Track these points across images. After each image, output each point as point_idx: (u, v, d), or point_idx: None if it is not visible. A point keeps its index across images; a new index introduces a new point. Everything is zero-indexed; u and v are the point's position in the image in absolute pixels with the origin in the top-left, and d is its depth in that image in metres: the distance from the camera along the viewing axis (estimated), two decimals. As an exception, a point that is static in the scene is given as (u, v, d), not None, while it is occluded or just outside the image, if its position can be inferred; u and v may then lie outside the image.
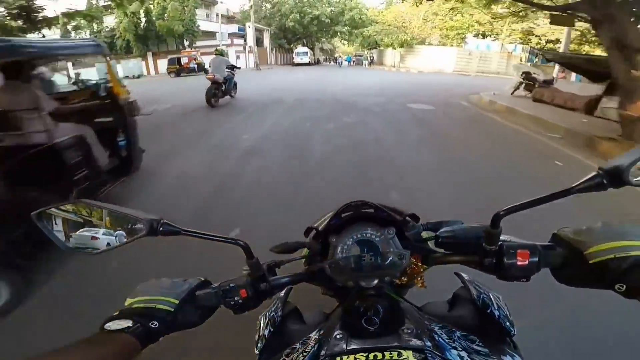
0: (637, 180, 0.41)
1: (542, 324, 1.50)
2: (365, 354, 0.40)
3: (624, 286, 0.40)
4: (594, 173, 0.42)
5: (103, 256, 0.53)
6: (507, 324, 0.53)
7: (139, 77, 24.20)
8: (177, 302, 0.52)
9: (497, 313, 0.54)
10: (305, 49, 35.99)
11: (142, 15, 26.06)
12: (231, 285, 0.55)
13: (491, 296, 0.58)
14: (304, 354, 0.47)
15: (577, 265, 0.45)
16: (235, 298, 0.55)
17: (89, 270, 2.02)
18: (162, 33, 26.45)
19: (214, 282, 0.58)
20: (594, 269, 0.42)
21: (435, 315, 0.54)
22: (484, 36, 30.62)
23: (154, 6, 26.46)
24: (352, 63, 38.80)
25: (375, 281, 0.52)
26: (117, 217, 0.51)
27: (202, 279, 0.58)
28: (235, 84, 9.19)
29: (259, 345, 0.59)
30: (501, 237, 0.50)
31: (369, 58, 34.18)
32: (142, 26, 26.63)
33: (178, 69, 23.29)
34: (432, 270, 0.60)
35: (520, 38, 26.30)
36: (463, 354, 0.43)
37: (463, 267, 0.57)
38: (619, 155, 0.41)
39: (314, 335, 0.52)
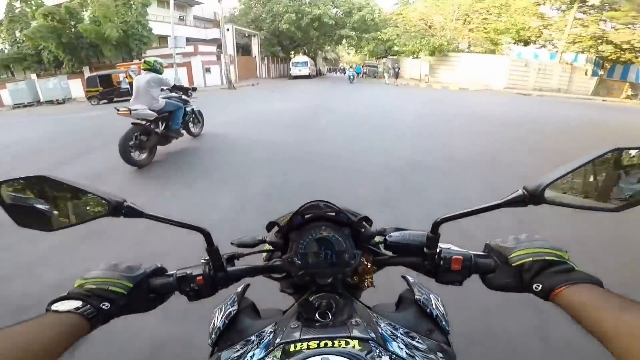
0: (552, 199, 0.46)
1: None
2: (317, 342, 0.43)
3: (540, 286, 0.45)
4: (518, 190, 0.48)
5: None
6: (444, 323, 0.58)
7: (63, 102, 17.61)
8: (131, 285, 0.52)
9: (435, 313, 0.59)
10: (305, 58, 29.04)
11: (66, 16, 18.60)
12: (187, 272, 0.57)
13: (431, 297, 0.62)
14: (259, 344, 0.50)
15: (502, 270, 0.51)
16: (191, 285, 0.56)
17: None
18: (92, 40, 18.94)
19: (170, 270, 0.59)
20: (515, 271, 0.48)
21: (382, 314, 0.57)
22: (526, 43, 23.78)
23: (85, 4, 19.05)
24: (362, 75, 31.44)
25: (330, 279, 0.56)
26: (81, 195, 0.52)
27: (158, 265, 0.58)
28: (196, 115, 5.90)
29: (213, 336, 0.60)
30: (442, 245, 0.56)
31: (391, 69, 22.69)
32: (67, 32, 19.01)
33: (103, 92, 15.36)
34: (383, 273, 0.64)
35: (589, 46, 19.60)
36: (402, 347, 0.47)
37: (410, 271, 0.62)
38: (542, 175, 0.47)
39: (269, 328, 0.55)
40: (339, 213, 0.57)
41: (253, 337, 0.54)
